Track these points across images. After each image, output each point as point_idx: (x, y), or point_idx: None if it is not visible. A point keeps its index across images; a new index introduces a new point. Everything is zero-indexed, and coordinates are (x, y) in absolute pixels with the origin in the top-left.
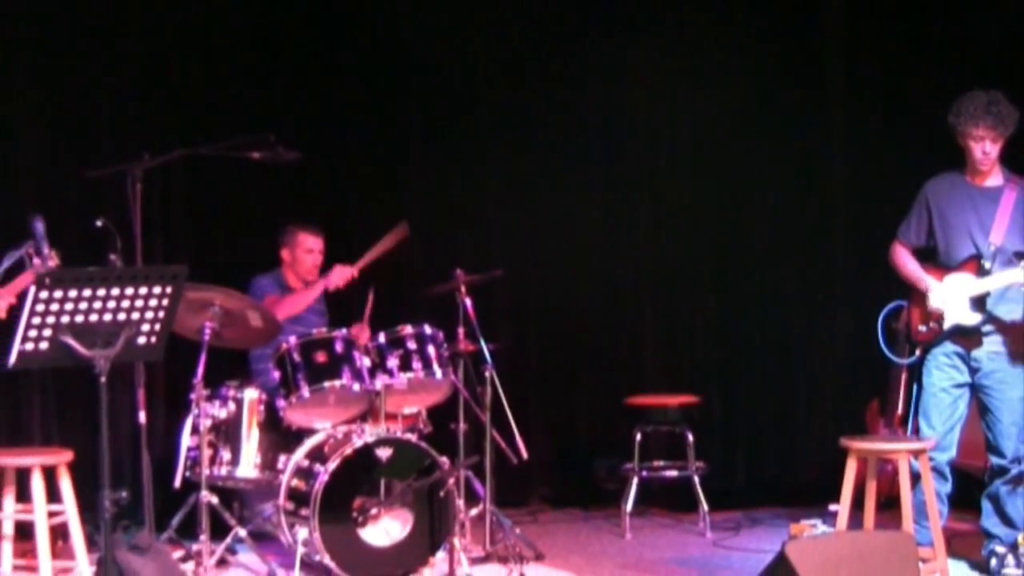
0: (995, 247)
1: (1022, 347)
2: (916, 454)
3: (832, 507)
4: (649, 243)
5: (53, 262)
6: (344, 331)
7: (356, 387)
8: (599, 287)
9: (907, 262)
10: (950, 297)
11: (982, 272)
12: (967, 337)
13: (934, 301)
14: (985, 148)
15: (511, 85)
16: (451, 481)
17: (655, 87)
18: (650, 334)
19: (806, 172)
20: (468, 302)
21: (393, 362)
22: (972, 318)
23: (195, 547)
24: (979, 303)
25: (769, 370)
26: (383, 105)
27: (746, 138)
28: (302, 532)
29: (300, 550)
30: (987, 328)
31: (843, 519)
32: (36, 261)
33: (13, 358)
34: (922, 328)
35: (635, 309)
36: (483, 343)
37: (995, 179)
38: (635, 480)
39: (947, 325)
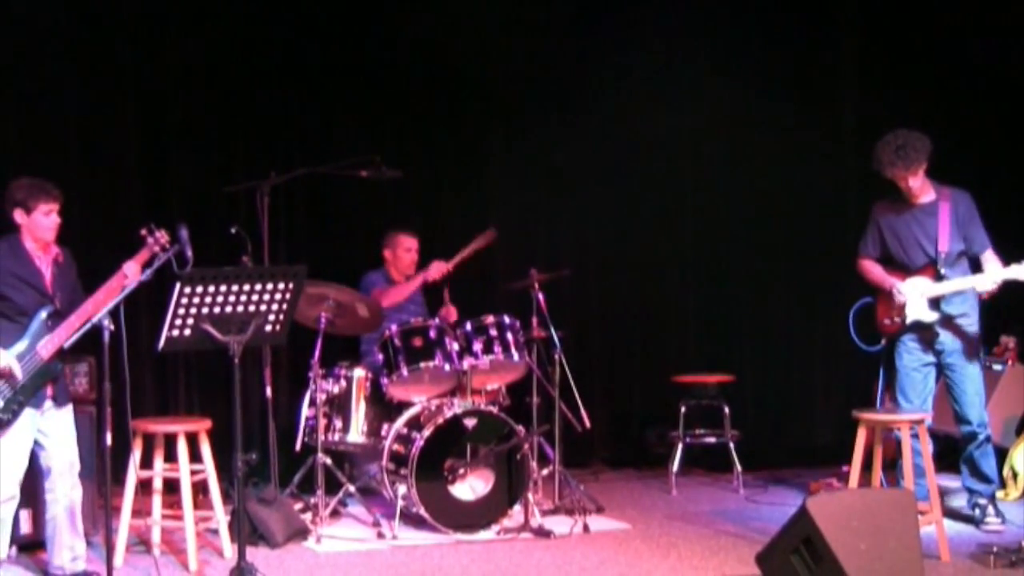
0: (944, 253)
1: (959, 339)
2: (915, 424)
3: (845, 468)
4: (692, 246)
5: (164, 240)
6: (437, 320)
7: (447, 367)
8: (650, 284)
9: (871, 269)
10: (911, 297)
11: (938, 277)
12: (925, 331)
13: (899, 297)
14: (907, 183)
15: (577, 114)
16: (526, 446)
17: (699, 113)
18: (693, 323)
19: (823, 184)
20: (540, 296)
21: (478, 346)
22: (930, 316)
23: (312, 500)
24: (935, 303)
25: (793, 353)
26: (467, 128)
27: (775, 154)
28: (402, 488)
29: (400, 503)
30: (943, 320)
31: (854, 478)
32: (150, 240)
33: (162, 343)
34: (887, 321)
35: (680, 302)
36: (553, 330)
37: (928, 195)
38: (680, 445)
39: (908, 320)
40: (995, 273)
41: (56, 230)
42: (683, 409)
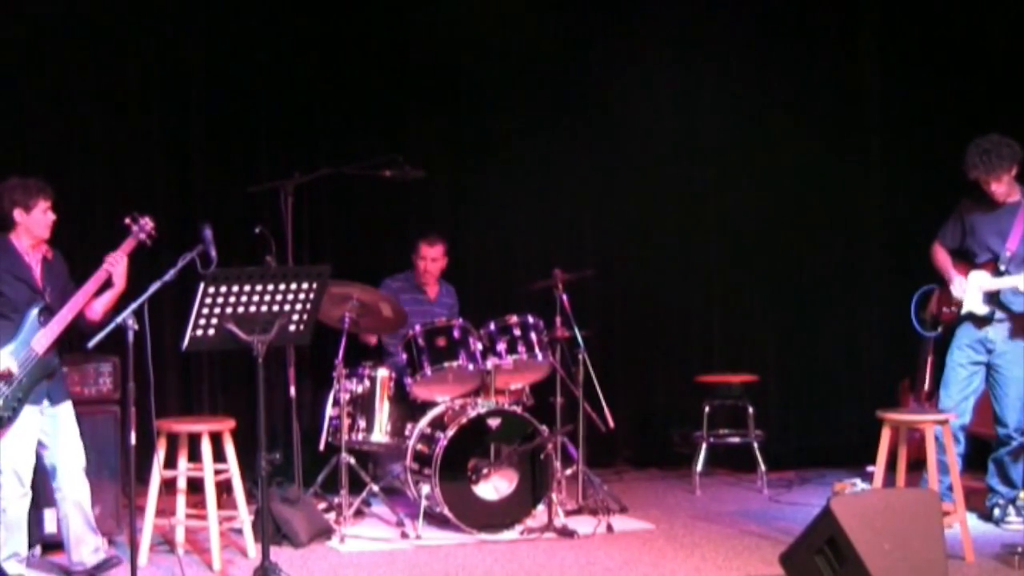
0: (1011, 252)
1: (1022, 330)
2: (940, 424)
3: (869, 468)
4: (716, 246)
5: (149, 227)
6: (461, 320)
7: (471, 367)
8: (674, 284)
9: (940, 256)
10: (969, 289)
11: (997, 273)
12: (978, 322)
13: (956, 291)
14: (989, 187)
15: (601, 115)
16: (549, 446)
17: (722, 113)
18: (717, 322)
19: (847, 184)
20: (564, 296)
21: (501, 346)
22: (982, 309)
23: (336, 500)
24: (991, 297)
25: (816, 353)
26: (491, 128)
27: (797, 154)
28: (425, 488)
29: (423, 503)
30: (999, 316)
31: (879, 478)
32: (134, 228)
33: (186, 343)
34: (945, 310)
35: (704, 302)
36: (577, 330)
37: (1014, 196)
38: (704, 445)
39: (963, 311)
40: None
41: (52, 227)
42: (707, 409)
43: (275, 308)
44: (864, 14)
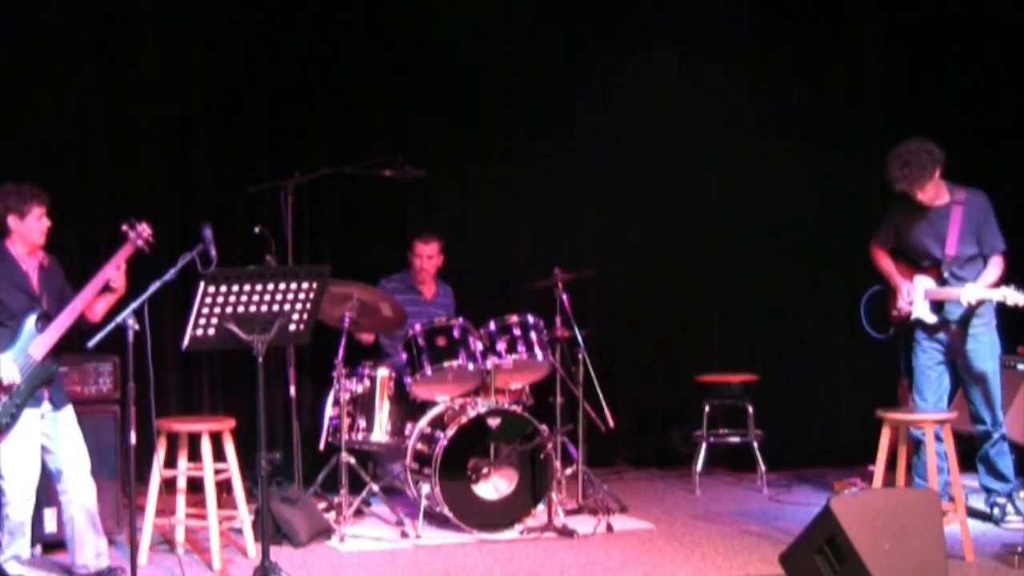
0: (951, 257)
1: (962, 341)
2: (940, 423)
3: (870, 468)
4: (715, 246)
5: (146, 233)
6: (461, 320)
7: (471, 366)
8: (674, 283)
9: (882, 260)
10: (916, 296)
11: (941, 280)
12: (933, 329)
13: (902, 301)
14: (916, 196)
15: (601, 115)
16: (549, 445)
17: (722, 114)
18: (716, 322)
19: (847, 184)
20: (564, 296)
21: (501, 346)
22: (931, 318)
23: (336, 499)
24: (937, 306)
25: (816, 352)
26: (491, 128)
27: (798, 153)
28: (425, 488)
29: (423, 503)
30: (947, 322)
31: (879, 478)
32: (132, 234)
33: (186, 342)
34: (894, 313)
35: (704, 301)
36: (577, 330)
37: (943, 198)
38: (704, 445)
39: (913, 318)
40: (973, 291)
41: (47, 233)
42: (707, 409)
43: (275, 308)
44: (866, 15)
